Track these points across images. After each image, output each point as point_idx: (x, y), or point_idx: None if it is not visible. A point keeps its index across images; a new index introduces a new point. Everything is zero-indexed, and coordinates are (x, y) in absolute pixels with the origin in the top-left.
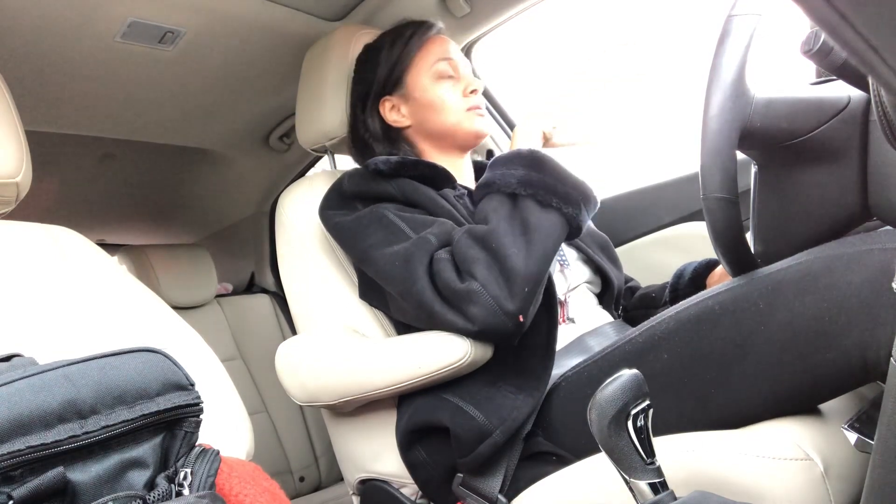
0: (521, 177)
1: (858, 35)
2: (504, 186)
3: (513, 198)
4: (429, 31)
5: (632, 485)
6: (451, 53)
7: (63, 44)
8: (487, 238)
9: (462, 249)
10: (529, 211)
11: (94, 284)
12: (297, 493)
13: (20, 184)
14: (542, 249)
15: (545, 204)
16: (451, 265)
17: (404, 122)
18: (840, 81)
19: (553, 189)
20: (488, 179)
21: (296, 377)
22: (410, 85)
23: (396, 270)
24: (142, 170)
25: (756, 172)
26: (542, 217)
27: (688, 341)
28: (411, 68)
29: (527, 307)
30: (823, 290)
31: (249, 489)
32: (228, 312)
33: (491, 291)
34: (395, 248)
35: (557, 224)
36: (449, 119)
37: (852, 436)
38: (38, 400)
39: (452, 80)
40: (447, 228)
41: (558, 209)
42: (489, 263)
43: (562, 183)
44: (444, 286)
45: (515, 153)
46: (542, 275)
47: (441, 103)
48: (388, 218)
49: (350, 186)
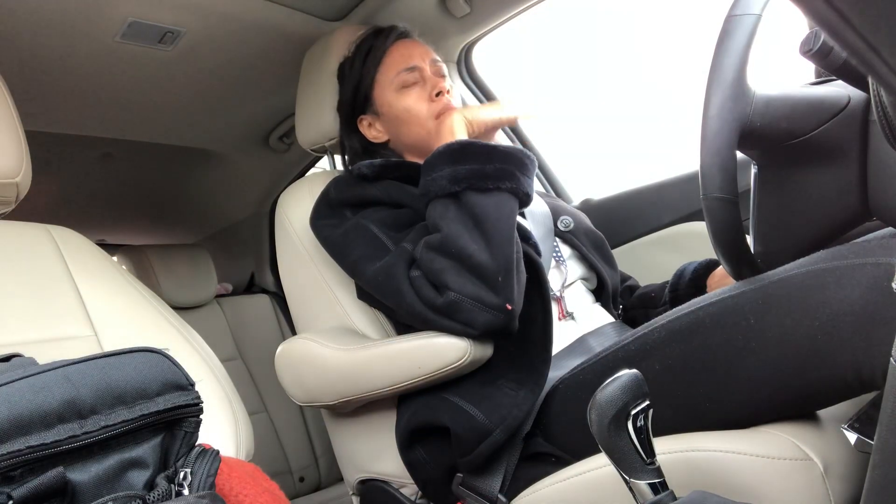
0: (448, 175)
1: (858, 35)
2: (438, 190)
3: (452, 196)
4: (387, 40)
5: (632, 485)
6: (413, 60)
7: (63, 44)
8: (444, 245)
9: (426, 265)
10: (472, 203)
11: (94, 284)
12: (297, 493)
13: (20, 184)
14: (499, 235)
15: (483, 189)
16: (426, 282)
17: (382, 137)
18: (840, 81)
19: (483, 173)
20: (422, 188)
21: (296, 377)
22: (378, 101)
23: (383, 287)
24: (142, 170)
25: (756, 172)
26: (486, 203)
27: (679, 352)
28: (375, 85)
29: (510, 294)
30: (815, 308)
31: (249, 489)
32: (228, 313)
33: (469, 295)
34: (377, 265)
35: (503, 203)
36: (420, 130)
37: (852, 436)
38: (37, 400)
39: (419, 86)
40: (423, 233)
41: (496, 188)
42: (456, 269)
43: (490, 162)
44: (428, 304)
45: (436, 153)
46: (510, 260)
47: (408, 116)
48: (371, 231)
49: (336, 194)
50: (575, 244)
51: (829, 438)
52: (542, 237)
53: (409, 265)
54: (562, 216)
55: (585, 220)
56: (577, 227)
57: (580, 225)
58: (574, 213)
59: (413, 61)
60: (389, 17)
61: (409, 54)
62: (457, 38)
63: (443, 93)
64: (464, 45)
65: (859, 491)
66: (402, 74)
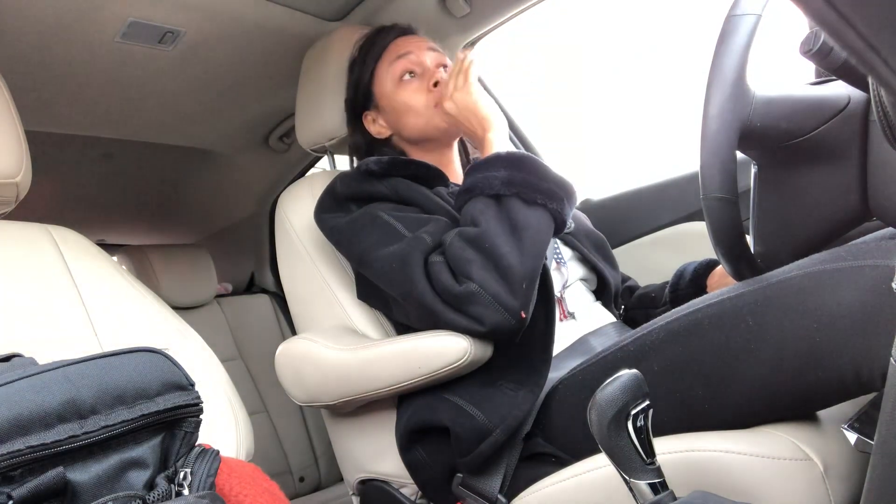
0: (503, 177)
1: (858, 35)
2: (487, 189)
3: (497, 199)
4: (388, 36)
5: (632, 485)
6: (408, 48)
7: (63, 44)
8: (480, 239)
9: (455, 252)
10: (516, 210)
11: (94, 284)
12: (297, 493)
13: (20, 184)
14: (533, 246)
15: (530, 202)
16: (446, 268)
17: (386, 132)
18: (840, 81)
19: (536, 186)
20: (470, 184)
21: (296, 377)
22: (378, 96)
23: (394, 273)
24: (142, 170)
25: (756, 172)
26: (529, 214)
27: (677, 354)
28: (375, 80)
29: (527, 304)
30: (813, 310)
31: (249, 489)
32: (228, 312)
33: (490, 290)
34: (390, 249)
35: (544, 220)
36: (419, 121)
37: (852, 436)
38: (37, 400)
39: (417, 77)
40: (442, 226)
41: (543, 205)
42: (484, 264)
43: (544, 180)
44: (443, 290)
45: (495, 156)
46: (537, 271)
47: (407, 108)
48: (383, 218)
49: (343, 189)
50: (576, 245)
51: (829, 438)
52: None
53: (426, 255)
54: None
55: (586, 220)
56: (577, 229)
57: (581, 226)
58: (574, 213)
59: (408, 49)
60: (389, 17)
61: (407, 47)
62: (457, 37)
63: (440, 83)
64: (464, 44)
65: (859, 491)
66: (400, 65)
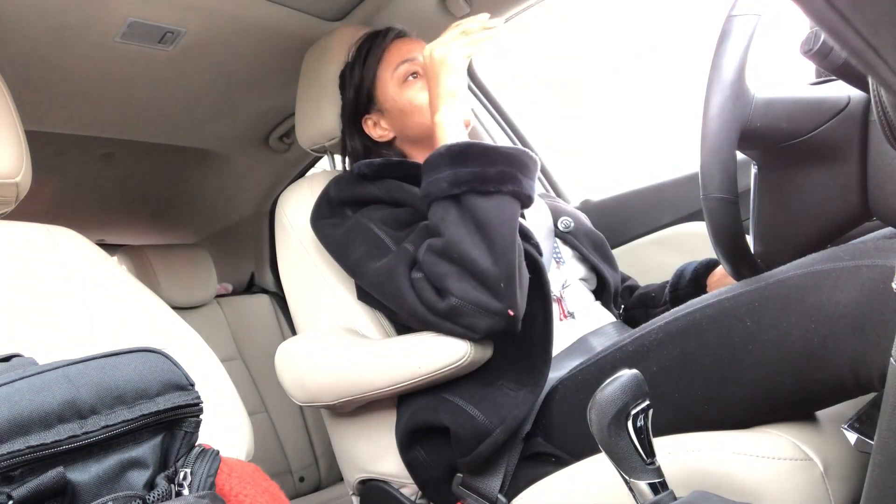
0: (449, 177)
1: (858, 35)
2: (439, 192)
3: (453, 199)
4: (385, 39)
5: (632, 485)
6: (412, 53)
7: (63, 44)
8: (447, 250)
9: (429, 268)
10: (475, 206)
11: (94, 284)
12: (297, 493)
13: (20, 184)
14: (502, 239)
15: (485, 192)
16: (428, 285)
17: (388, 134)
18: (840, 81)
19: (485, 176)
20: (423, 190)
21: (296, 377)
22: (381, 98)
23: (384, 287)
24: (142, 170)
25: (756, 172)
26: (488, 207)
27: (676, 354)
28: (377, 82)
29: (512, 300)
30: (811, 310)
31: (249, 489)
32: (228, 313)
33: (471, 300)
34: (378, 265)
35: (506, 206)
36: (425, 121)
37: (852, 436)
38: (38, 400)
39: (420, 77)
40: (424, 234)
41: (498, 192)
42: (459, 274)
43: (492, 164)
44: (429, 307)
45: (437, 154)
46: (513, 265)
47: (412, 107)
48: (373, 231)
49: (336, 193)
50: (575, 245)
51: (829, 438)
52: (542, 238)
53: (411, 267)
54: (562, 217)
55: (585, 220)
56: (577, 228)
57: (580, 226)
58: (574, 213)
59: (412, 54)
60: (389, 17)
61: (408, 49)
62: None
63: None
64: None
65: (859, 491)
66: (403, 66)
